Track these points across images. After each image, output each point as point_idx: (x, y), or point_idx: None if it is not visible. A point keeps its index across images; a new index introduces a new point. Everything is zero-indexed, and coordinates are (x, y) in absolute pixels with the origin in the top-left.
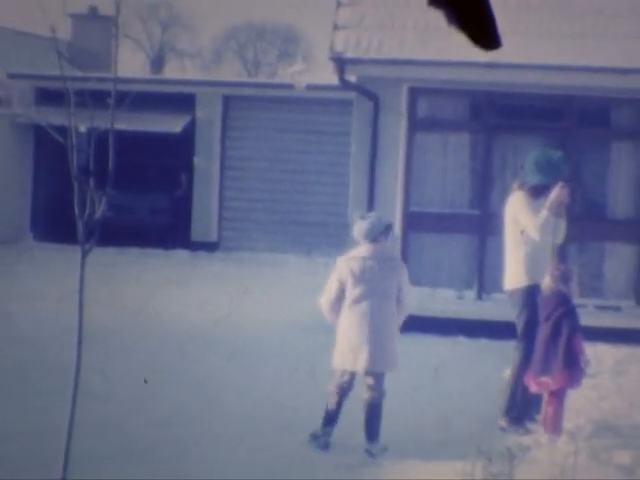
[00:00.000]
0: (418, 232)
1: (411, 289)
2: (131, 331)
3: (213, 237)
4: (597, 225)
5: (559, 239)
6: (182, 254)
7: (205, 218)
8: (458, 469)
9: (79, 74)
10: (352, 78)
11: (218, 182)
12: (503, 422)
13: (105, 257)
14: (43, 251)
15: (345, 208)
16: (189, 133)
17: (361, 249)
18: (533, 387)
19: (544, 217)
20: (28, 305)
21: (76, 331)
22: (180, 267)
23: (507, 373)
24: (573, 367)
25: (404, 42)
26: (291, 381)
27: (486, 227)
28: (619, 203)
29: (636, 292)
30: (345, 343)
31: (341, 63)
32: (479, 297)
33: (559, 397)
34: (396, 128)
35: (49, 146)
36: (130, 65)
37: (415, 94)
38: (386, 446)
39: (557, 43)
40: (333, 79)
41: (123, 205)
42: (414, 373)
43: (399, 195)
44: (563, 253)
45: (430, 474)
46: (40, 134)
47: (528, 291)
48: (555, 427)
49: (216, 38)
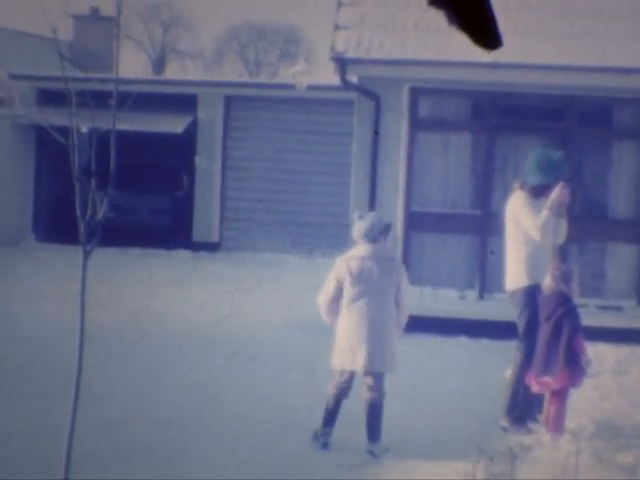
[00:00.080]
0: (419, 232)
1: (410, 290)
2: (132, 331)
3: (214, 237)
4: (598, 225)
5: (560, 239)
6: (183, 254)
7: (206, 218)
8: (460, 469)
9: (81, 75)
10: (353, 78)
11: (220, 182)
12: (505, 422)
13: (107, 258)
14: (45, 252)
15: (346, 208)
16: (191, 133)
17: (360, 249)
18: (535, 387)
19: (545, 217)
20: (30, 306)
21: (77, 332)
22: (181, 267)
23: (508, 373)
24: (574, 366)
25: (405, 42)
26: (291, 381)
27: (487, 227)
28: (620, 203)
29: (637, 292)
30: (343, 343)
31: (342, 63)
32: (481, 297)
33: (561, 397)
34: (397, 128)
35: (51, 147)
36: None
37: (416, 94)
38: (388, 446)
39: (558, 43)
40: (334, 79)
41: (125, 205)
42: (415, 373)
43: (400, 195)
44: (564, 253)
45: (431, 474)
46: (42, 135)
47: (529, 291)
48: (557, 427)
49: (217, 38)
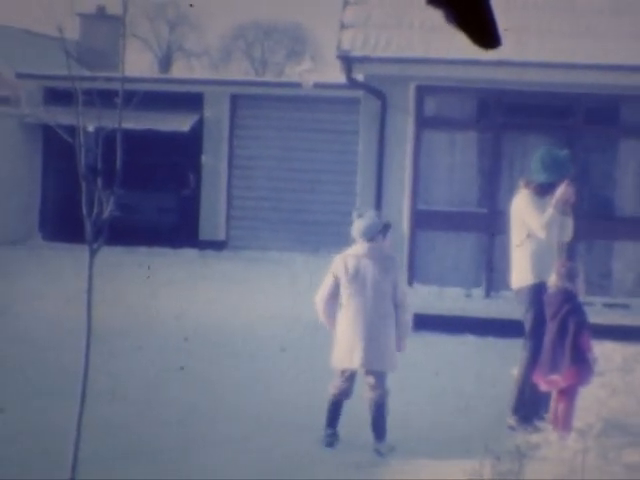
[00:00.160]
0: (426, 230)
1: (408, 289)
2: (138, 330)
3: (221, 236)
4: (605, 223)
5: (566, 237)
6: (190, 253)
7: (213, 217)
8: (467, 468)
9: (87, 74)
10: (359, 77)
11: (226, 181)
12: (512, 420)
13: (113, 256)
14: (52, 251)
15: (353, 207)
16: (197, 132)
17: (357, 247)
18: (543, 385)
19: (549, 215)
20: (36, 305)
21: (84, 331)
22: (188, 266)
23: (515, 371)
24: (581, 363)
25: (411, 40)
26: (297, 380)
27: (494, 225)
28: (627, 201)
29: None
30: (341, 342)
31: (348, 62)
32: (487, 295)
33: (570, 395)
34: (403, 126)
35: (57, 146)
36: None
37: (422, 92)
38: (394, 445)
39: (564, 41)
40: (340, 78)
41: (131, 204)
42: (421, 372)
43: (407, 193)
44: (571, 251)
45: (439, 473)
46: (48, 134)
47: (535, 289)
48: (566, 425)
49: (224, 37)
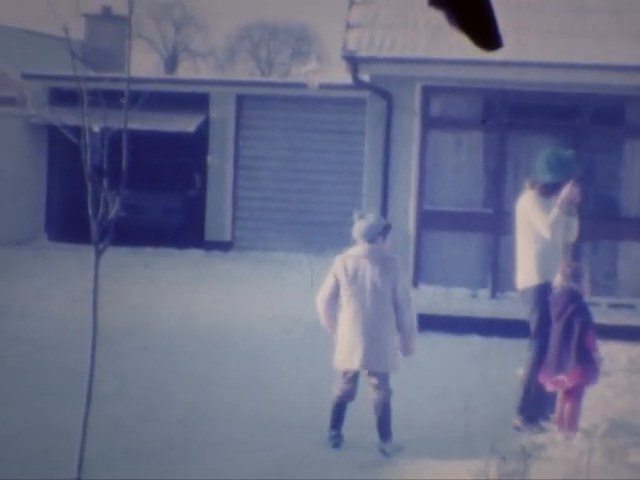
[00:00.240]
0: (432, 231)
1: (414, 290)
2: (142, 331)
3: (227, 237)
4: (611, 223)
5: (572, 237)
6: (196, 254)
7: (219, 218)
8: (472, 468)
9: (92, 74)
10: (365, 77)
11: (232, 181)
12: (517, 421)
13: (119, 257)
14: (57, 251)
15: (358, 207)
16: (203, 133)
17: (357, 248)
18: (549, 386)
19: (554, 215)
20: (42, 305)
21: (89, 331)
22: (194, 267)
23: (521, 372)
24: (586, 363)
25: (417, 41)
26: (302, 380)
27: (500, 225)
28: (633, 201)
29: None
30: (342, 342)
31: (354, 62)
32: (493, 296)
33: (576, 395)
34: (409, 127)
35: (63, 146)
36: (144, 65)
37: (428, 93)
38: (401, 445)
39: (570, 41)
40: (346, 78)
41: (137, 205)
42: (427, 372)
43: (412, 194)
44: (576, 251)
45: (444, 473)
46: (54, 134)
47: (540, 289)
48: (572, 425)
49: (229, 37)
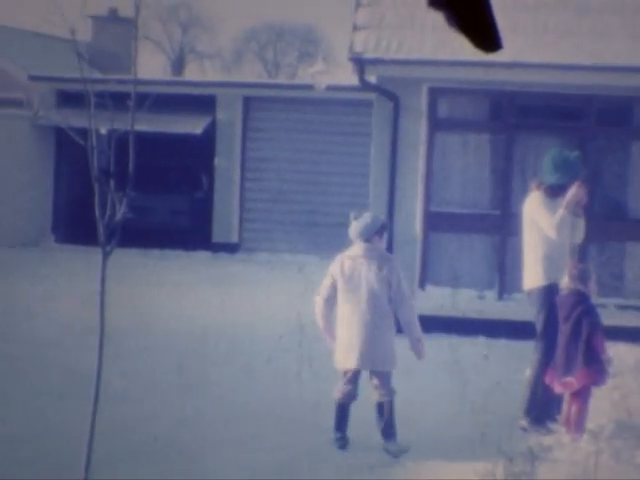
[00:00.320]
0: (438, 232)
1: (408, 289)
2: (148, 332)
3: (234, 238)
4: (617, 225)
5: (578, 239)
6: (203, 255)
7: (226, 219)
8: (479, 469)
9: (99, 76)
10: (372, 79)
11: (239, 183)
12: (524, 422)
13: (126, 259)
14: (64, 253)
15: (366, 209)
16: (210, 134)
17: (354, 248)
18: (557, 388)
19: (560, 216)
20: (48, 307)
21: (96, 333)
22: (201, 268)
23: (528, 373)
24: (594, 364)
25: (424, 42)
26: (307, 381)
27: (507, 227)
28: (639, 202)
29: None
30: (340, 342)
31: (361, 63)
32: (500, 297)
33: (583, 396)
34: (416, 128)
35: (70, 148)
36: (150, 67)
37: (435, 94)
38: (408, 446)
39: (576, 42)
40: (353, 80)
41: (144, 207)
42: (434, 373)
43: (419, 195)
44: (583, 253)
45: (451, 474)
46: (61, 136)
47: (546, 290)
48: (579, 427)
49: (236, 39)
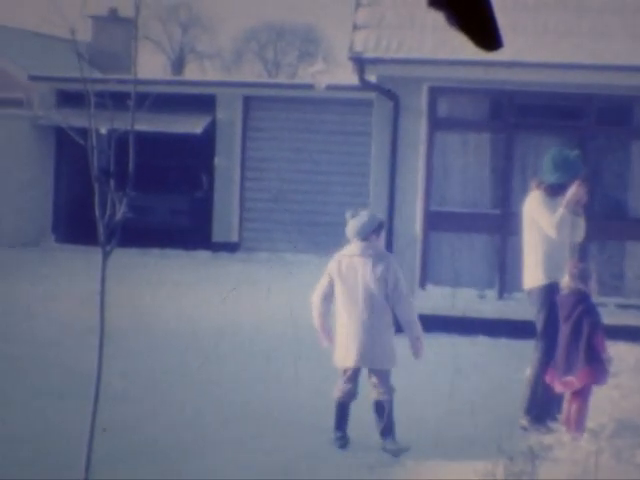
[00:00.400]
0: (439, 232)
1: (406, 287)
2: (148, 332)
3: (234, 238)
4: (618, 224)
5: (578, 238)
6: (203, 255)
7: (226, 219)
8: (479, 469)
9: (99, 76)
10: (372, 78)
11: (239, 183)
12: (524, 421)
13: (126, 258)
14: (65, 253)
15: (366, 208)
16: (210, 134)
17: (351, 247)
18: (558, 387)
19: (560, 215)
20: (48, 307)
21: (96, 333)
22: (201, 268)
23: (528, 372)
24: (595, 363)
25: (424, 42)
26: (307, 381)
27: (507, 226)
28: (639, 201)
29: None
30: (339, 341)
31: (361, 63)
32: (500, 296)
33: (583, 396)
34: (416, 128)
35: (70, 148)
36: (150, 67)
37: (435, 94)
38: (408, 445)
39: (576, 42)
40: (353, 79)
41: (144, 206)
42: (434, 373)
43: (419, 195)
44: (584, 252)
45: (451, 474)
46: (61, 136)
47: (547, 290)
48: (579, 426)
49: (236, 39)
